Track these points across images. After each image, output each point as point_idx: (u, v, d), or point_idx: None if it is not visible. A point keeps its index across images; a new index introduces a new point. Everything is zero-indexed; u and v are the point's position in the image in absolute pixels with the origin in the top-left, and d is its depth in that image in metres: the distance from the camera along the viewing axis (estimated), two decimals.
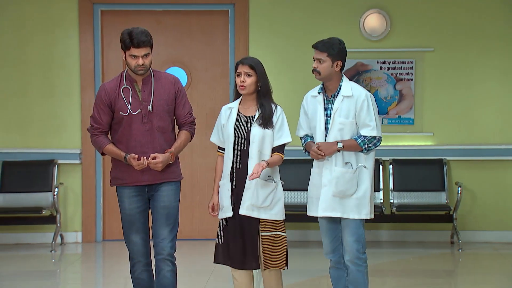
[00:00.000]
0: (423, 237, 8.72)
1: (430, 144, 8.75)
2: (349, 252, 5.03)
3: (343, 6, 8.72)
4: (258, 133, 4.99)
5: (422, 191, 8.59)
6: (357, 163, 5.05)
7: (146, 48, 4.87)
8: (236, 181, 5.02)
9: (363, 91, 5.11)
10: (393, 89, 8.75)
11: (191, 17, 8.84)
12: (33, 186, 8.55)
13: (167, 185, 5.02)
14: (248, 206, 4.96)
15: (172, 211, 5.02)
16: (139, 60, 4.87)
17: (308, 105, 5.21)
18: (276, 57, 8.73)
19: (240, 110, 5.10)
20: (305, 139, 5.22)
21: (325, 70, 5.04)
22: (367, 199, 5.04)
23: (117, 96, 4.96)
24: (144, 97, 4.96)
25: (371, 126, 5.04)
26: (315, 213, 5.11)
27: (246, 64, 5.03)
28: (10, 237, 8.66)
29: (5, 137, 8.71)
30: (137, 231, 5.02)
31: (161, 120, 4.98)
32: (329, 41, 5.07)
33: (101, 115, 4.99)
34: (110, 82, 5.05)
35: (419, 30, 8.74)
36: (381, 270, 7.35)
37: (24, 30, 8.67)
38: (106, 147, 4.99)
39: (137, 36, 4.84)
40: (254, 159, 4.97)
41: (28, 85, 8.70)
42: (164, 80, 5.04)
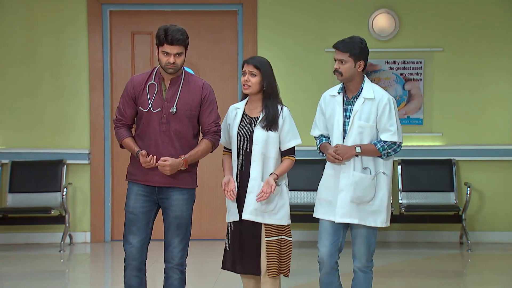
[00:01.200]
0: (432, 238, 8.70)
1: (439, 144, 8.73)
2: (360, 260, 4.93)
3: (352, 6, 8.71)
4: (261, 135, 4.88)
5: (431, 192, 8.57)
6: (376, 169, 4.90)
7: (180, 46, 4.75)
8: (240, 183, 4.93)
9: (386, 94, 4.95)
10: (401, 89, 8.74)
11: (200, 17, 8.85)
12: (42, 186, 8.57)
13: (179, 193, 4.89)
14: (252, 210, 4.86)
15: (183, 221, 4.90)
16: (170, 58, 4.75)
17: (326, 104, 5.03)
18: (285, 57, 8.72)
19: (246, 111, 5.00)
20: (320, 140, 5.06)
21: (348, 71, 4.87)
22: (384, 206, 4.91)
23: (142, 91, 4.86)
24: (168, 97, 4.84)
25: (392, 131, 4.88)
26: (323, 215, 4.95)
27: (251, 63, 4.93)
28: (20, 237, 8.68)
29: (14, 137, 8.73)
30: (136, 232, 4.87)
31: (180, 124, 4.84)
32: (350, 41, 4.89)
33: (126, 108, 4.90)
34: (139, 75, 4.96)
35: (428, 30, 8.72)
36: (390, 270, 7.34)
37: (33, 31, 8.69)
38: (124, 140, 4.90)
39: (172, 33, 4.73)
40: (257, 162, 4.86)
41: (37, 86, 8.73)
42: (193, 85, 4.91)
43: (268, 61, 4.99)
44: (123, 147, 4.96)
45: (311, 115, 5.37)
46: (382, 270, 7.18)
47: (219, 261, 5.14)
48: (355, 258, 4.96)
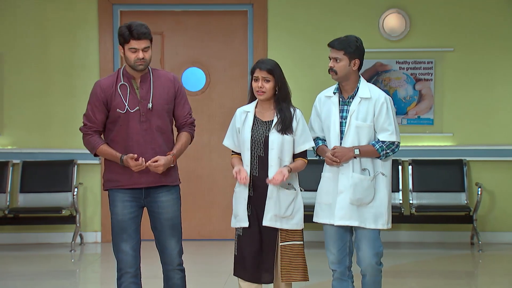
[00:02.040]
0: (443, 238, 8.68)
1: (449, 144, 8.71)
2: (368, 265, 4.81)
3: (362, 6, 8.70)
4: (277, 139, 4.76)
5: (442, 192, 8.55)
6: (374, 170, 4.81)
7: (146, 40, 4.63)
8: (254, 189, 4.79)
9: (382, 93, 4.84)
10: (412, 89, 8.72)
11: (210, 18, 8.85)
12: (53, 186, 8.60)
13: (167, 193, 4.77)
14: (272, 217, 4.74)
15: (176, 221, 4.81)
16: (139, 53, 4.62)
17: (321, 106, 4.94)
18: (295, 57, 8.72)
19: (257, 115, 4.85)
20: (317, 142, 4.96)
21: (342, 70, 4.78)
22: (384, 208, 4.80)
23: (113, 93, 4.70)
24: (143, 94, 4.72)
25: (390, 130, 4.78)
26: (323, 219, 4.87)
27: (264, 69, 4.77)
28: (30, 237, 8.71)
29: (25, 137, 8.76)
30: (127, 240, 4.75)
31: (160, 120, 4.74)
32: (345, 39, 4.83)
33: (96, 113, 4.71)
34: (106, 79, 4.79)
35: (438, 30, 8.70)
36: (400, 271, 7.32)
37: (45, 31, 8.72)
38: (100, 147, 4.72)
39: (137, 28, 4.61)
40: (274, 166, 4.74)
41: (48, 86, 8.75)
42: (163, 78, 4.80)
43: (277, 63, 4.87)
44: (97, 155, 4.79)
45: None
46: (392, 271, 7.17)
47: (229, 261, 5.10)
48: (361, 262, 4.83)
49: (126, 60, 4.69)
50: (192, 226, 8.67)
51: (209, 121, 8.80)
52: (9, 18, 8.70)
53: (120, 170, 4.71)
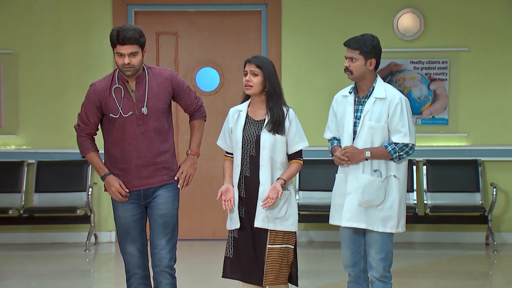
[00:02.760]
0: (458, 239, 8.64)
1: (464, 144, 8.67)
2: (376, 270, 4.68)
3: (377, 5, 8.68)
4: (268, 139, 4.65)
5: (457, 192, 8.52)
6: (387, 172, 4.67)
7: (132, 46, 4.46)
8: (246, 189, 4.70)
9: (398, 93, 4.73)
10: (427, 89, 8.69)
11: (224, 18, 8.86)
12: (68, 186, 8.63)
13: (165, 190, 4.67)
14: (264, 217, 4.63)
15: (170, 220, 4.66)
16: (125, 59, 4.47)
17: (338, 105, 4.84)
18: (309, 57, 8.71)
19: (249, 114, 4.76)
20: (332, 142, 4.88)
21: (358, 69, 4.69)
22: (394, 211, 4.65)
23: (107, 97, 4.59)
24: (138, 97, 4.58)
25: (403, 132, 4.66)
26: (337, 221, 4.77)
27: (253, 63, 4.69)
28: (45, 236, 8.74)
29: (40, 137, 8.79)
30: (132, 241, 4.66)
31: (157, 121, 4.62)
32: (361, 38, 4.72)
33: (89, 116, 4.67)
34: (101, 81, 4.67)
35: (453, 29, 8.67)
36: (415, 271, 7.30)
37: (60, 32, 8.75)
38: (89, 154, 4.71)
39: (124, 32, 4.45)
40: (266, 166, 4.64)
41: (63, 86, 8.78)
42: (159, 78, 4.65)
43: (271, 61, 4.77)
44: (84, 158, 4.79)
45: None
46: (407, 271, 7.15)
47: None
48: (370, 267, 4.71)
49: (116, 64, 4.58)
50: (206, 226, 8.67)
51: (222, 121, 8.72)
52: (24, 18, 8.73)
53: (118, 172, 4.66)
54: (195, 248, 8.26)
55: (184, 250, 7.97)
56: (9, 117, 8.77)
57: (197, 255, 8.04)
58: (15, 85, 8.76)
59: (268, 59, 4.78)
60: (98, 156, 4.72)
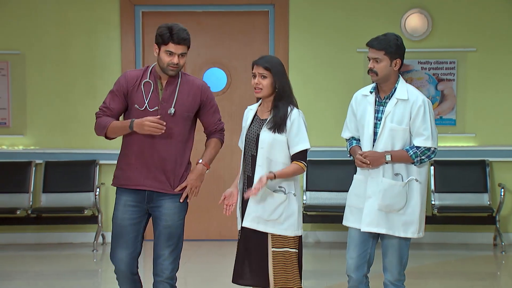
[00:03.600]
0: (465, 239, 8.62)
1: (472, 145, 8.66)
2: (391, 273, 4.64)
3: (384, 6, 8.66)
4: (267, 138, 4.50)
5: (464, 193, 8.51)
6: (408, 176, 4.57)
7: (184, 47, 4.48)
8: (247, 190, 4.54)
9: (421, 95, 4.63)
10: (434, 90, 8.68)
11: (231, 18, 8.86)
12: (75, 186, 8.64)
13: (171, 201, 4.56)
14: (253, 218, 4.49)
15: (175, 231, 4.57)
16: (174, 58, 4.47)
17: (357, 104, 4.72)
18: (316, 57, 8.70)
19: (258, 113, 4.66)
20: (351, 142, 4.78)
21: (383, 70, 4.56)
22: (416, 216, 4.57)
23: (136, 87, 4.56)
24: (165, 97, 4.55)
25: (425, 135, 4.54)
26: (353, 224, 4.66)
27: (261, 65, 4.54)
28: (53, 237, 8.76)
29: (48, 138, 8.81)
30: (125, 246, 4.55)
31: (177, 126, 4.55)
32: (385, 38, 4.57)
33: (114, 101, 4.60)
34: (134, 71, 4.66)
35: (461, 30, 8.65)
36: (423, 272, 7.29)
37: (67, 32, 8.77)
38: (111, 124, 4.56)
39: (178, 32, 4.45)
40: (262, 167, 4.49)
41: (70, 86, 8.80)
42: (191, 85, 4.62)
43: (279, 61, 4.62)
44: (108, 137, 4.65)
45: (342, 116, 5.14)
46: (415, 272, 7.13)
47: None
48: (386, 270, 4.66)
49: (158, 61, 4.54)
50: (213, 227, 8.67)
51: (230, 121, 8.79)
52: (31, 19, 8.75)
53: (126, 167, 4.58)
54: (202, 248, 8.27)
55: (191, 250, 7.98)
56: (16, 117, 8.79)
57: (204, 255, 8.04)
58: (23, 85, 8.78)
59: (276, 58, 4.65)
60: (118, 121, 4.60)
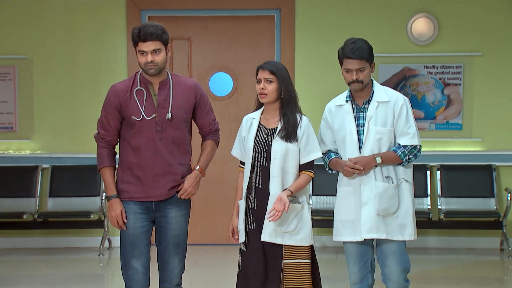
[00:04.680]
0: (472, 244, 8.61)
1: (478, 149, 8.64)
2: (396, 282, 4.53)
3: (391, 10, 8.66)
4: (280, 148, 4.41)
5: (471, 197, 8.50)
6: (397, 177, 4.53)
7: (155, 42, 4.29)
8: (257, 201, 4.48)
9: (400, 95, 4.60)
10: (440, 94, 8.67)
11: (238, 23, 8.87)
12: (82, 190, 8.66)
13: (177, 209, 4.47)
14: (271, 232, 4.39)
15: (182, 238, 4.52)
16: (148, 57, 4.31)
17: (332, 117, 4.66)
18: (322, 62, 8.70)
19: (262, 122, 4.53)
20: (329, 156, 4.67)
21: (367, 78, 4.55)
22: (409, 217, 4.53)
23: (128, 99, 4.40)
24: (160, 102, 4.41)
25: (411, 133, 4.52)
26: (348, 237, 4.56)
27: (266, 69, 4.47)
28: (59, 241, 8.77)
29: (54, 142, 8.83)
30: (139, 256, 4.45)
31: (177, 130, 4.44)
32: (359, 46, 4.57)
33: (109, 120, 4.45)
34: (121, 83, 4.49)
35: (467, 34, 8.64)
36: (429, 277, 7.27)
37: (73, 37, 8.79)
38: (103, 168, 4.44)
39: (145, 29, 4.28)
40: (277, 177, 4.40)
41: (77, 91, 8.82)
42: (183, 86, 4.48)
43: (284, 66, 4.55)
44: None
45: None
46: (421, 276, 7.12)
47: None
48: (389, 280, 4.55)
49: (139, 64, 4.42)
50: (219, 231, 8.67)
51: (236, 125, 8.75)
52: (37, 23, 8.78)
53: (130, 180, 4.45)
54: (208, 253, 8.27)
55: (198, 255, 7.98)
56: (23, 122, 8.81)
57: (210, 259, 8.04)
58: (29, 90, 8.81)
59: (281, 64, 4.59)
60: (112, 173, 4.47)
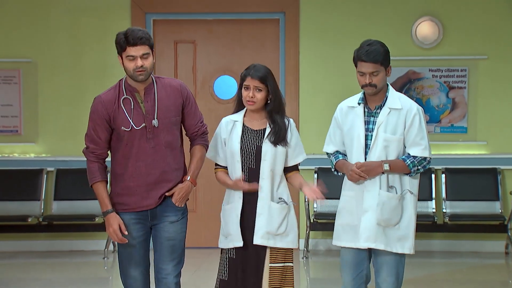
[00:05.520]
0: (477, 247, 8.59)
1: (483, 153, 8.63)
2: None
3: (395, 13, 8.66)
4: (270, 150, 4.37)
5: (476, 201, 8.47)
6: (402, 188, 4.39)
7: (144, 46, 4.17)
8: (244, 204, 4.39)
9: (414, 104, 4.45)
10: (445, 97, 8.66)
11: (242, 26, 8.88)
12: (87, 193, 8.53)
13: (173, 215, 4.33)
14: (264, 234, 4.32)
15: (178, 244, 4.36)
16: (137, 61, 4.18)
17: (343, 117, 4.54)
18: (327, 65, 8.70)
19: (246, 123, 4.46)
20: (336, 157, 4.56)
21: (381, 82, 4.38)
22: (410, 230, 4.38)
23: (116, 109, 4.25)
24: (148, 108, 4.26)
25: (422, 145, 4.37)
26: (347, 243, 4.45)
27: (256, 78, 4.37)
28: (64, 244, 8.77)
29: (59, 146, 8.83)
30: (137, 265, 4.36)
31: (169, 135, 4.29)
32: (374, 48, 4.38)
33: (99, 132, 4.29)
34: (107, 93, 4.34)
35: (472, 37, 8.63)
36: (434, 280, 7.26)
37: (78, 40, 8.80)
38: (95, 184, 4.29)
39: (133, 33, 4.16)
40: (266, 179, 4.35)
41: (82, 94, 8.82)
42: (168, 88, 4.33)
43: (269, 70, 4.47)
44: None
45: None
46: (426, 280, 7.11)
47: None
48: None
49: (125, 71, 4.28)
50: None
51: None
52: (42, 27, 8.79)
53: (124, 192, 4.31)
54: (212, 256, 8.25)
55: (202, 258, 7.97)
56: (28, 125, 8.82)
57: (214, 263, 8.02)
58: (34, 93, 8.82)
59: (266, 67, 4.47)
60: (105, 187, 4.33)
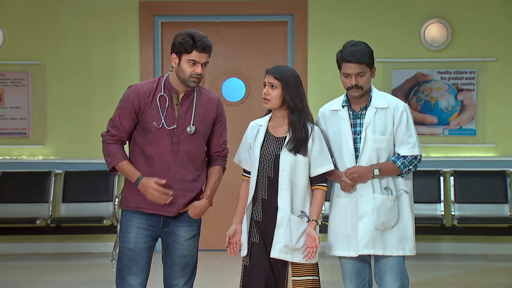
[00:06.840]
0: (486, 250, 8.56)
1: (492, 155, 8.60)
2: None
3: (404, 15, 8.64)
4: (288, 159, 4.14)
5: (484, 203, 8.45)
6: (397, 188, 4.27)
7: (208, 55, 4.09)
8: (263, 213, 4.21)
9: (400, 101, 4.31)
10: (454, 100, 8.64)
11: (250, 28, 8.88)
12: (95, 196, 8.67)
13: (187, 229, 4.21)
14: (281, 248, 4.13)
15: (191, 260, 4.26)
16: (198, 68, 4.06)
17: (327, 122, 4.35)
18: (335, 67, 8.59)
19: (270, 129, 4.26)
20: None
21: (367, 83, 4.26)
22: (409, 231, 4.27)
23: (149, 103, 4.12)
24: (181, 112, 4.14)
25: (411, 143, 4.24)
26: (343, 252, 4.30)
27: (271, 74, 4.20)
28: (72, 246, 8.79)
29: (67, 148, 8.85)
30: (137, 273, 4.22)
31: (193, 145, 4.17)
32: (359, 49, 4.27)
33: (123, 120, 4.15)
34: (144, 84, 4.18)
35: (481, 39, 8.61)
36: (442, 283, 7.24)
37: (87, 42, 8.82)
38: (120, 162, 4.14)
39: (202, 39, 4.05)
40: (285, 190, 4.13)
41: (90, 96, 8.84)
42: (206, 99, 4.23)
43: (294, 72, 4.25)
44: (112, 171, 4.21)
45: None
46: (434, 283, 7.09)
47: None
48: None
49: (179, 72, 4.11)
50: None
51: None
52: (51, 29, 8.81)
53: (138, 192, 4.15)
54: (220, 258, 8.26)
55: (210, 260, 7.97)
56: (36, 127, 8.84)
57: (222, 265, 8.04)
58: (43, 96, 8.84)
59: (291, 69, 4.30)
60: (129, 163, 4.16)
